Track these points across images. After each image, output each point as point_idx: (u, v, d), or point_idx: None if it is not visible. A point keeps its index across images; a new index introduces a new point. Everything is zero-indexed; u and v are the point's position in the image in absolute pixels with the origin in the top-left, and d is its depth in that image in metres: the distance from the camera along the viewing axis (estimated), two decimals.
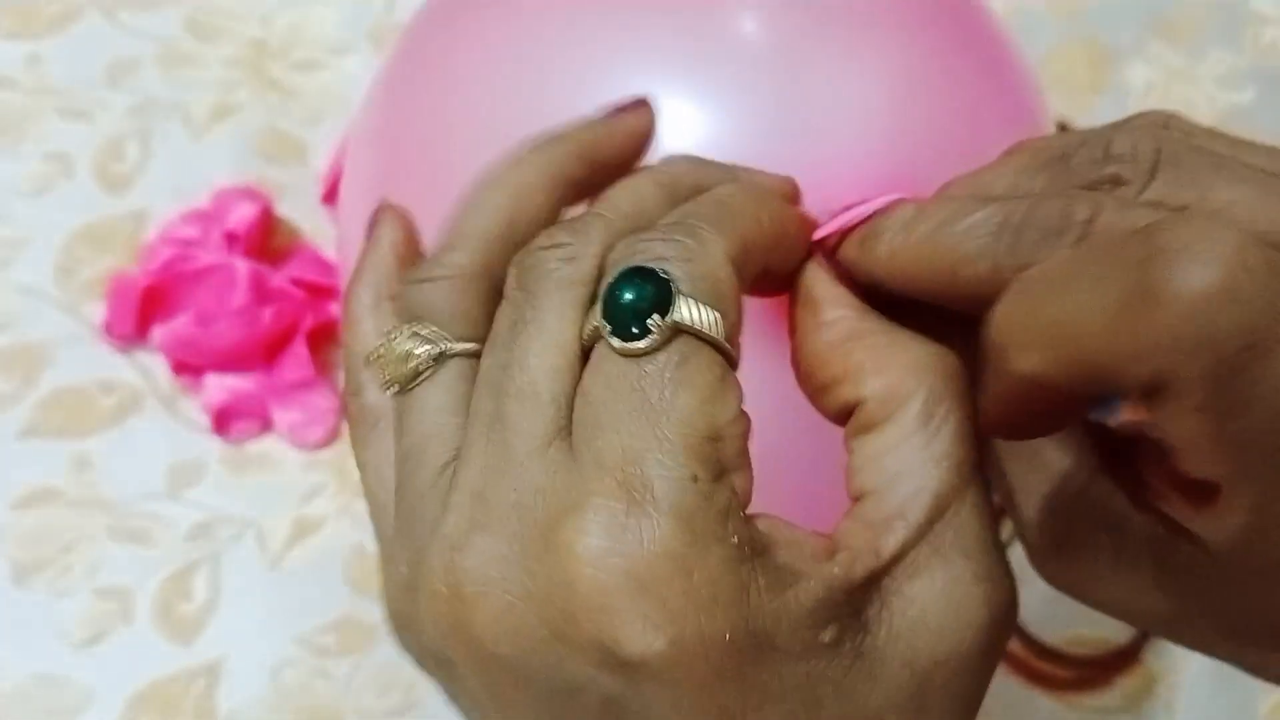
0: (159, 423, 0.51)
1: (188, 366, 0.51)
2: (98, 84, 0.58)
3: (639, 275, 0.20)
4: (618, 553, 0.19)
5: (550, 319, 0.21)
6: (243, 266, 0.51)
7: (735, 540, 0.19)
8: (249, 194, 0.54)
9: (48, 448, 0.51)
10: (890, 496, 0.21)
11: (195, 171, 0.56)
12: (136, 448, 0.51)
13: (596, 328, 0.20)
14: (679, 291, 0.20)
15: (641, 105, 0.26)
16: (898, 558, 0.20)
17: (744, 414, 0.20)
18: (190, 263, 0.52)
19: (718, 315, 0.20)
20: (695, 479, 0.19)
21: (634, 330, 0.20)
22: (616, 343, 0.20)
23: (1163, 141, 0.21)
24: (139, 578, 0.48)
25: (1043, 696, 0.48)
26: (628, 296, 0.20)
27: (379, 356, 0.23)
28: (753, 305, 0.24)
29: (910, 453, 0.21)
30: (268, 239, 0.54)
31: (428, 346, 0.22)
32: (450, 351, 0.22)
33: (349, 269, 0.26)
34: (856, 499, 0.22)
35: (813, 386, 0.23)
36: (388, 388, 0.23)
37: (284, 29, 0.60)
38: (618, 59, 0.29)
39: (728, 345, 0.20)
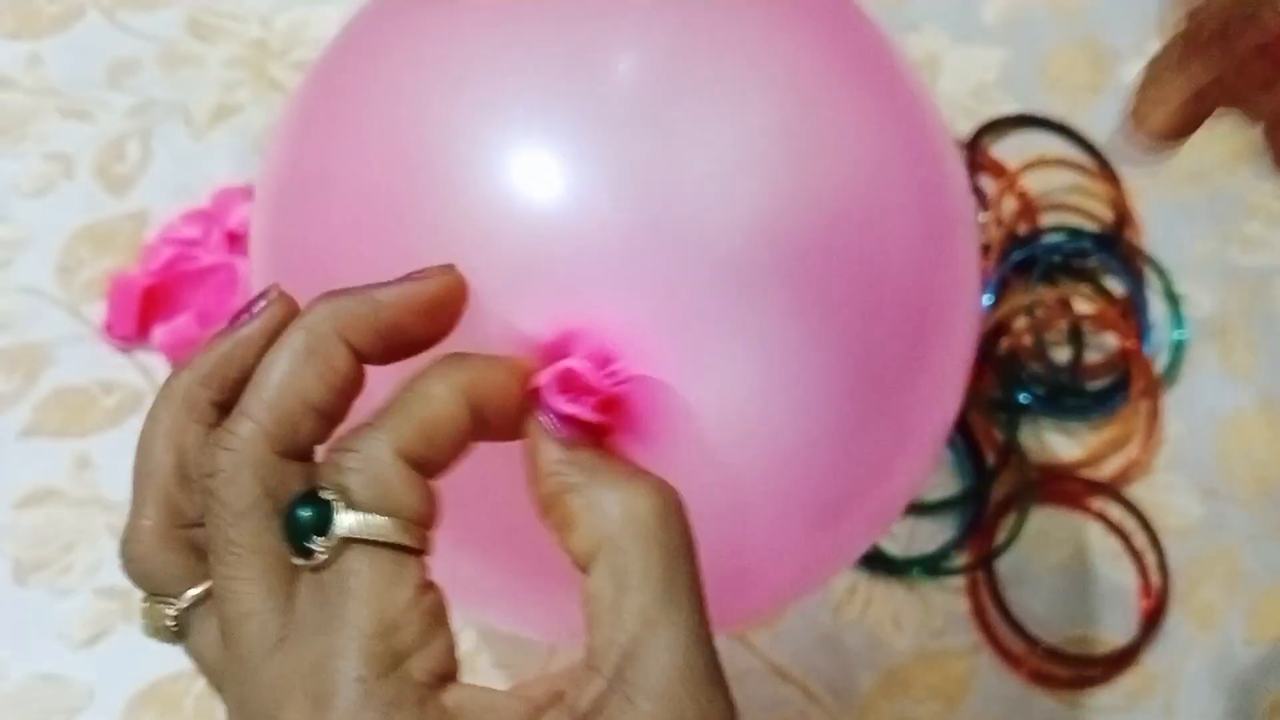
0: None
1: None
2: (98, 84, 0.58)
3: (308, 497, 0.22)
4: None
5: (238, 548, 0.22)
6: (244, 266, 0.51)
7: None
8: (250, 194, 0.54)
9: (48, 448, 0.51)
10: (592, 643, 0.23)
11: (196, 171, 0.56)
12: None
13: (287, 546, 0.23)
14: (342, 507, 0.22)
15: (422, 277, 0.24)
16: (589, 713, 0.22)
17: (426, 594, 0.23)
18: (191, 262, 0.52)
19: (387, 517, 0.22)
20: (362, 679, 0.22)
21: (309, 547, 0.22)
22: (298, 561, 0.22)
23: None
24: None
25: (1043, 696, 0.48)
26: (300, 517, 0.22)
27: (144, 617, 0.25)
28: None
29: (602, 604, 0.23)
30: None
31: (169, 611, 0.24)
32: (187, 605, 0.24)
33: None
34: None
35: (547, 528, 0.24)
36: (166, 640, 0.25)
37: (284, 29, 0.60)
38: (491, 107, 0.28)
39: (402, 539, 0.22)
